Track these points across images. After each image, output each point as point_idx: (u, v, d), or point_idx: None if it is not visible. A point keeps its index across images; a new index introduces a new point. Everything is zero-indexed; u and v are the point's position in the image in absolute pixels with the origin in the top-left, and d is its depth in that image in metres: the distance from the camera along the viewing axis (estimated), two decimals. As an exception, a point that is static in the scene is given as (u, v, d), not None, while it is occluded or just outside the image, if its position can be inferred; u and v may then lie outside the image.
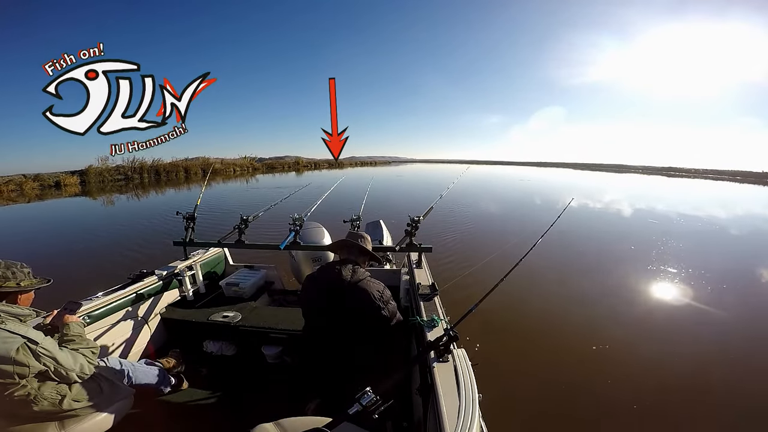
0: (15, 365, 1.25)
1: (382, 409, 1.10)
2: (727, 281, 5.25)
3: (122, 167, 32.82)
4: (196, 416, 1.92)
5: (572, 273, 5.56)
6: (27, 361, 1.28)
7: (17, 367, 1.26)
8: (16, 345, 1.26)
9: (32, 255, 6.46)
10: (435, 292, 2.12)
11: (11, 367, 1.25)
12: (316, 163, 66.75)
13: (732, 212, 13.53)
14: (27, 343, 1.29)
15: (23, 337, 1.29)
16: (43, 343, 1.33)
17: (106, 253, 6.60)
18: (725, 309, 4.27)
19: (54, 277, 1.56)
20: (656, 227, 9.73)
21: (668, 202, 16.43)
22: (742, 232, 9.68)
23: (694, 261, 6.15)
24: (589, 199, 16.12)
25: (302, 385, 1.81)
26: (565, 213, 2.33)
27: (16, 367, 1.26)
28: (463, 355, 1.38)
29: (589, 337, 3.61)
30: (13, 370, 1.25)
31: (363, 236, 2.00)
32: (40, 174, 27.08)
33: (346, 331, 1.74)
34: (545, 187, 23.47)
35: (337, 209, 4.55)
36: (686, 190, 25.53)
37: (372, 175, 10.66)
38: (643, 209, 13.24)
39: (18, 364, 1.26)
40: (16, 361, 1.25)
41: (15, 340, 1.27)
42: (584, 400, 2.73)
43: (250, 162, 48.68)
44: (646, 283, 5.11)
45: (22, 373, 1.28)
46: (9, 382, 1.27)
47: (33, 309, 1.47)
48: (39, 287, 1.51)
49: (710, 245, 7.86)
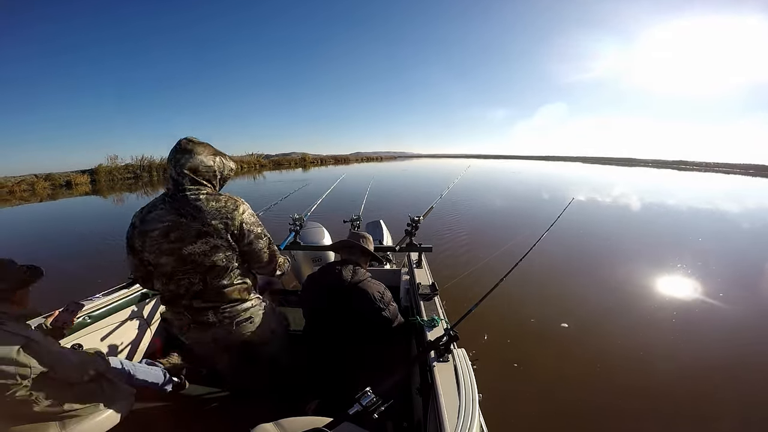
0: (17, 366, 1.25)
1: (382, 409, 1.10)
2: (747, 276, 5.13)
3: (131, 166, 33.31)
4: (196, 416, 1.93)
5: (574, 270, 5.50)
6: (28, 361, 1.27)
7: (19, 368, 1.25)
8: (17, 345, 1.26)
9: (34, 255, 6.52)
10: (435, 291, 2.12)
11: (13, 368, 1.24)
12: (322, 159, 66.92)
13: (747, 206, 13.24)
14: (28, 344, 1.28)
15: (24, 337, 1.28)
16: (44, 343, 1.33)
17: (106, 253, 6.62)
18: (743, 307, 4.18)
19: (55, 277, 1.57)
20: (669, 223, 9.59)
21: (679, 196, 16.14)
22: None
23: (710, 257, 6.05)
24: (597, 193, 15.92)
25: (302, 385, 1.82)
26: (570, 207, 2.31)
27: (17, 368, 1.25)
28: (463, 355, 1.38)
29: (590, 336, 3.57)
30: (14, 371, 1.25)
31: (365, 236, 2.00)
32: (51, 174, 27.61)
33: (346, 331, 1.75)
34: (545, 182, 23.19)
35: (337, 209, 4.56)
36: (699, 184, 25.04)
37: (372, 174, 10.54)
38: (653, 203, 13.04)
39: (19, 365, 1.25)
40: (18, 361, 1.25)
41: (16, 341, 1.26)
42: (585, 399, 2.71)
43: (257, 159, 49.12)
44: (653, 280, 5.02)
45: (24, 374, 1.27)
46: (10, 382, 1.26)
47: (32, 309, 1.46)
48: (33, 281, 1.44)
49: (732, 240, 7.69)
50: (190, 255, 1.39)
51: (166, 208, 1.40)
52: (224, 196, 1.46)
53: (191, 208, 1.38)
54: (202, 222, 1.38)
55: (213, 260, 1.41)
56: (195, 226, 1.38)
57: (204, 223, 1.38)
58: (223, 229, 1.40)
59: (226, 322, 1.50)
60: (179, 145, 1.44)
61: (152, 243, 1.40)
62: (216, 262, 1.42)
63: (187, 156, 1.42)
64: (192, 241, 1.38)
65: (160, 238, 1.39)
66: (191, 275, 1.43)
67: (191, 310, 1.48)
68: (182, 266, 1.41)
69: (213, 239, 1.39)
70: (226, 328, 1.51)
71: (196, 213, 1.38)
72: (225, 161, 1.52)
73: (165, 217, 1.39)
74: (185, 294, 1.46)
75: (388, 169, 40.09)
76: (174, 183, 1.42)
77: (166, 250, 1.40)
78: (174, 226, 1.38)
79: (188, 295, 1.46)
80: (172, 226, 1.38)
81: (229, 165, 1.54)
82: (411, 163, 64.93)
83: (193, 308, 1.48)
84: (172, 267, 1.42)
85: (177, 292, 1.46)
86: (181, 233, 1.38)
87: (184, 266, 1.41)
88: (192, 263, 1.40)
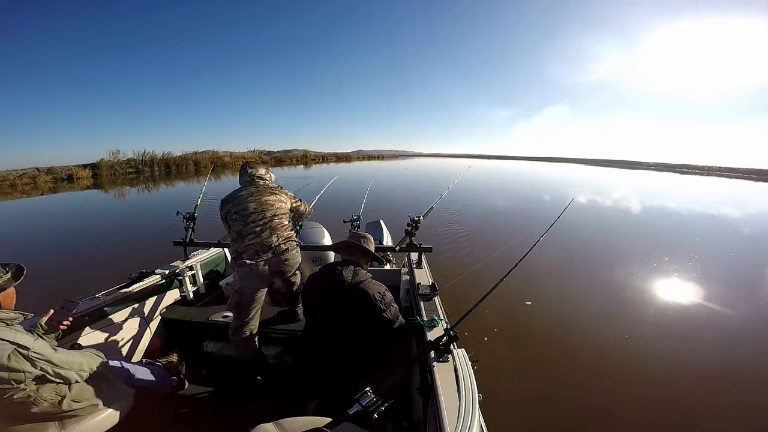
0: (9, 372, 1.23)
1: (382, 409, 1.11)
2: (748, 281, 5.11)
3: (133, 160, 33.30)
4: (196, 416, 1.94)
5: (575, 271, 5.50)
6: (21, 366, 1.25)
7: (12, 374, 1.24)
8: (7, 352, 1.23)
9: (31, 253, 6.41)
10: (435, 292, 2.12)
11: (6, 374, 1.23)
12: (323, 156, 66.88)
13: (748, 211, 13.22)
14: (18, 349, 1.25)
15: (12, 343, 1.26)
16: (34, 347, 1.30)
17: (106, 253, 6.59)
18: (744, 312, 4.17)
19: (54, 277, 1.54)
20: (669, 225, 9.57)
21: (680, 200, 16.12)
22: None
23: (710, 260, 6.05)
24: (598, 195, 15.90)
25: (302, 385, 1.82)
26: (571, 209, 2.30)
27: (10, 374, 1.24)
28: (463, 355, 1.38)
29: (591, 336, 3.57)
30: (8, 377, 1.24)
31: (365, 237, 2.00)
32: (53, 167, 27.60)
33: (347, 331, 1.75)
34: (546, 183, 23.17)
35: (337, 209, 4.55)
36: (700, 188, 24.98)
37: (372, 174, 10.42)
38: (654, 206, 13.03)
39: (12, 371, 1.24)
40: (10, 368, 1.23)
41: (4, 347, 1.24)
42: (585, 399, 2.71)
43: (259, 155, 49.12)
44: (654, 282, 5.03)
45: (18, 379, 1.26)
46: (6, 387, 1.25)
47: (19, 312, 1.40)
48: (16, 282, 1.41)
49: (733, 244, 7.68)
50: (266, 201, 2.20)
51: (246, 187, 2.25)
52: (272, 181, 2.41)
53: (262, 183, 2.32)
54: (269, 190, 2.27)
55: (277, 207, 2.23)
56: (268, 189, 2.27)
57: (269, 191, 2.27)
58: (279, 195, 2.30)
59: (283, 247, 2.18)
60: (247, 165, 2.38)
61: (240, 201, 2.17)
62: (279, 208, 2.24)
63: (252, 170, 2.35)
64: (267, 195, 2.23)
65: (247, 196, 2.19)
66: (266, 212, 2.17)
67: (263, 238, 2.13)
68: (261, 207, 2.17)
69: (276, 197, 2.26)
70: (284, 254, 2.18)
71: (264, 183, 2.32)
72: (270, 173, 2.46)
73: (248, 188, 2.25)
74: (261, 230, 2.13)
75: (389, 167, 40.03)
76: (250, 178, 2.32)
77: (251, 200, 2.18)
78: (255, 191, 2.23)
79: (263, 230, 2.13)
80: (254, 191, 2.23)
81: (272, 175, 2.48)
82: (412, 162, 64.91)
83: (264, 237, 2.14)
84: (253, 208, 2.15)
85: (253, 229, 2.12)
86: (260, 192, 2.23)
87: (262, 207, 2.17)
88: (267, 204, 2.20)
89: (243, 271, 2.12)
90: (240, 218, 2.13)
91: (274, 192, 2.28)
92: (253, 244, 2.10)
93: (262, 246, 2.11)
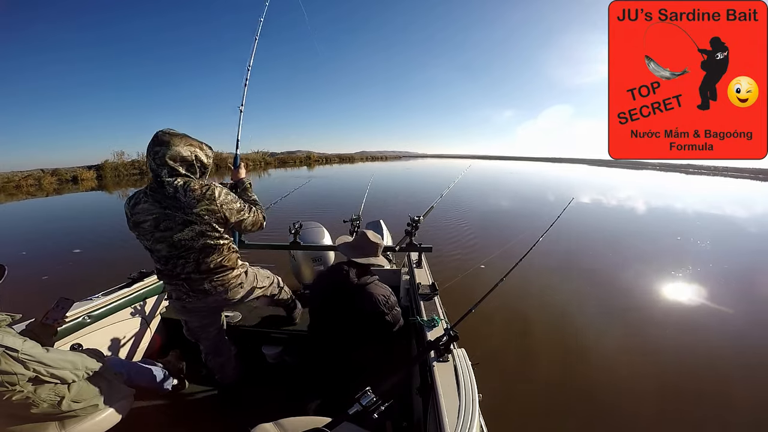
0: (1, 375, 1.22)
1: (382, 409, 1.11)
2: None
3: (137, 162, 33.51)
4: (196, 416, 1.93)
5: (576, 271, 5.46)
6: (12, 369, 1.24)
7: (4, 376, 1.23)
8: None
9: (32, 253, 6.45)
10: (435, 291, 2.12)
11: None
12: (327, 157, 66.96)
13: (755, 211, 13.09)
14: (6, 352, 1.23)
15: (0, 346, 1.23)
16: (24, 348, 1.28)
17: (105, 253, 6.59)
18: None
19: (53, 277, 1.54)
20: (671, 225, 9.50)
21: (686, 200, 15.98)
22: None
23: (714, 261, 6.00)
24: (602, 195, 15.80)
25: (302, 385, 1.82)
26: (571, 209, 2.29)
27: (2, 377, 1.23)
28: (463, 355, 1.37)
29: (592, 335, 3.55)
30: (1, 380, 1.23)
31: (378, 244, 2.00)
32: (58, 169, 27.86)
33: (348, 331, 1.75)
34: (547, 183, 23.04)
35: (337, 209, 4.54)
36: (707, 188, 24.74)
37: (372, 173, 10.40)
38: (659, 207, 12.93)
39: (3, 374, 1.23)
40: (1, 371, 1.22)
41: None
42: (585, 400, 2.70)
43: (263, 157, 49.16)
44: (656, 283, 4.98)
45: (11, 381, 1.24)
46: (2, 390, 1.24)
47: (7, 314, 1.36)
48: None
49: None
50: (180, 241, 1.51)
51: (149, 201, 1.50)
52: (199, 184, 1.51)
53: (171, 200, 1.47)
54: (184, 212, 1.47)
55: (202, 243, 1.54)
56: (180, 216, 1.48)
57: (187, 213, 1.47)
58: (206, 216, 1.50)
59: (220, 290, 1.66)
60: (156, 137, 1.48)
61: (145, 233, 1.54)
62: (205, 243, 1.55)
63: (164, 148, 1.46)
64: (180, 230, 1.50)
65: (151, 229, 1.52)
66: (185, 257, 1.56)
67: (189, 281, 1.61)
68: (175, 251, 1.54)
69: (198, 226, 1.50)
70: (220, 295, 1.67)
71: (176, 204, 1.47)
72: (202, 150, 1.57)
73: (152, 211, 1.50)
74: (182, 272, 1.59)
75: (390, 167, 40.02)
76: (153, 174, 1.49)
77: (159, 238, 1.53)
78: (161, 218, 1.49)
79: (184, 273, 1.59)
80: (160, 217, 1.49)
81: (206, 153, 1.59)
82: (415, 163, 64.86)
83: (190, 279, 1.61)
84: (167, 252, 1.56)
85: (174, 272, 1.60)
86: (169, 223, 1.49)
87: (177, 251, 1.54)
88: (183, 248, 1.53)
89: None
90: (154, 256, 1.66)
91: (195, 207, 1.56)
92: None
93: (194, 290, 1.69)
